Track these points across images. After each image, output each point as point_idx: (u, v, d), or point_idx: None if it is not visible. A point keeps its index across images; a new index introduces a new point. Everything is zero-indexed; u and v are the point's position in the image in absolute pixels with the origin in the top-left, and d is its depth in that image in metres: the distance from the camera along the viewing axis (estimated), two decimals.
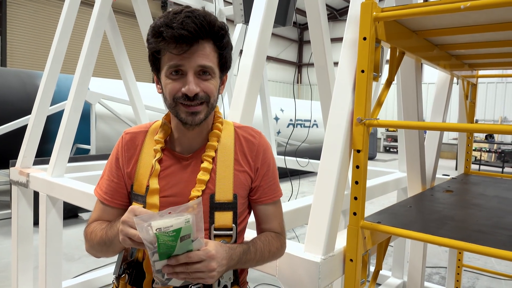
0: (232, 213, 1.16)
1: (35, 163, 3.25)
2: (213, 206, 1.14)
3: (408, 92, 2.12)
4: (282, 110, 10.87)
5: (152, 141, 1.20)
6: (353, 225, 1.47)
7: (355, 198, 1.46)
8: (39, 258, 2.81)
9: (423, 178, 2.26)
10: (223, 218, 1.15)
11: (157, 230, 0.89)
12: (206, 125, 1.19)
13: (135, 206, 1.00)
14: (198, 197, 1.12)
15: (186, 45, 1.04)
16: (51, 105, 5.49)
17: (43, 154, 4.73)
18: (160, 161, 1.17)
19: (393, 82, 1.69)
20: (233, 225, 1.16)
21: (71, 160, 4.49)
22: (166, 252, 0.92)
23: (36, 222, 2.91)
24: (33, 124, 3.10)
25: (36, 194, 2.92)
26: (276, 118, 10.55)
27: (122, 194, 1.23)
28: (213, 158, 1.17)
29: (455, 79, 2.64)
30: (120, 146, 1.23)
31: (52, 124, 5.28)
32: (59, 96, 5.89)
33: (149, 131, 1.23)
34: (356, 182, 1.45)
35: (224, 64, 1.15)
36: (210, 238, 1.14)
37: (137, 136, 1.23)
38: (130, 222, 0.96)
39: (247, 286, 1.29)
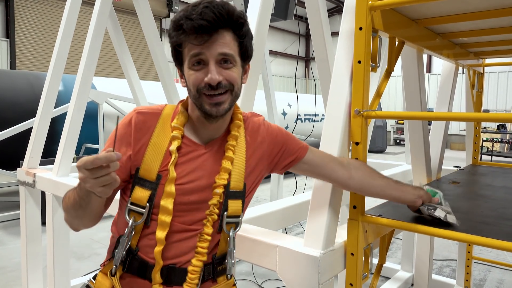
0: (241, 201, 1.19)
1: (43, 163, 3.28)
2: (228, 194, 1.16)
3: (411, 82, 2.08)
4: (289, 105, 10.80)
5: (165, 125, 1.17)
6: (353, 218, 1.45)
7: None
8: (47, 257, 2.84)
9: (428, 170, 2.22)
10: (235, 206, 1.18)
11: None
12: (227, 117, 1.20)
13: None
14: (224, 185, 1.14)
15: (206, 35, 1.05)
16: (60, 106, 5.61)
17: (51, 154, 4.77)
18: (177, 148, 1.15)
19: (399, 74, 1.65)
20: (242, 213, 1.20)
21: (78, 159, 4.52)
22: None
23: (44, 222, 2.94)
24: (39, 125, 3.12)
25: (43, 194, 2.95)
26: (284, 113, 10.48)
27: (123, 169, 1.12)
28: None
29: (460, 69, 2.59)
30: (132, 125, 1.16)
31: (59, 124, 5.29)
32: (66, 97, 5.94)
33: (162, 115, 1.19)
34: None
35: (245, 53, 1.15)
36: (221, 225, 1.16)
37: (151, 118, 1.18)
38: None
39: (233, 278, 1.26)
